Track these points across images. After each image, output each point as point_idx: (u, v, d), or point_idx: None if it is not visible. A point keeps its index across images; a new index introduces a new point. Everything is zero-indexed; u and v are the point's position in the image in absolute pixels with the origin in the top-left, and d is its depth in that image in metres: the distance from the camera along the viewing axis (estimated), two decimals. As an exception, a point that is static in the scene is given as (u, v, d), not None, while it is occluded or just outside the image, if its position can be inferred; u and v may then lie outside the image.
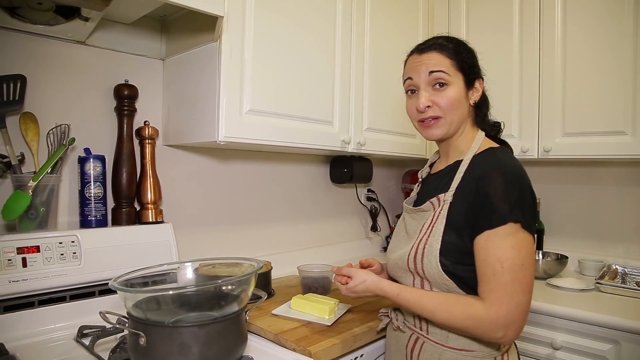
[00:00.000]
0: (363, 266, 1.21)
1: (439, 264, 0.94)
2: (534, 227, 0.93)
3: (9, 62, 1.17)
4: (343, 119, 1.60)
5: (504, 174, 0.92)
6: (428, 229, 0.99)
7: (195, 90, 1.33)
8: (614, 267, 1.79)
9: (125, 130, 1.34)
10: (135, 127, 1.38)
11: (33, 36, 1.21)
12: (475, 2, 1.94)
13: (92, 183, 1.26)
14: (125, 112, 1.35)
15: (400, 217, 1.17)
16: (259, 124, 1.33)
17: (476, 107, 1.07)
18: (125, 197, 1.34)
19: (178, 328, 0.84)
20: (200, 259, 1.12)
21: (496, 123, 1.12)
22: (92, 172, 1.26)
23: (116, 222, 1.33)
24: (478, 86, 1.05)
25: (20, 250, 1.09)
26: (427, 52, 1.02)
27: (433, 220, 0.99)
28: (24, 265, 1.09)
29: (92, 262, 1.19)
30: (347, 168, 1.98)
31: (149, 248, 1.30)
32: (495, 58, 1.82)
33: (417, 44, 1.07)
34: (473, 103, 1.06)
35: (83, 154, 1.28)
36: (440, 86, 1.01)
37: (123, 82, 1.35)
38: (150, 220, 1.37)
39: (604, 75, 1.62)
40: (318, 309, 1.22)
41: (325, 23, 1.53)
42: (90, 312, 1.16)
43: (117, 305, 1.15)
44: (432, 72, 1.00)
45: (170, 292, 0.98)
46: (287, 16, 1.40)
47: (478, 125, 1.09)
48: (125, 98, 1.34)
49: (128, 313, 0.88)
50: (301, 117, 1.46)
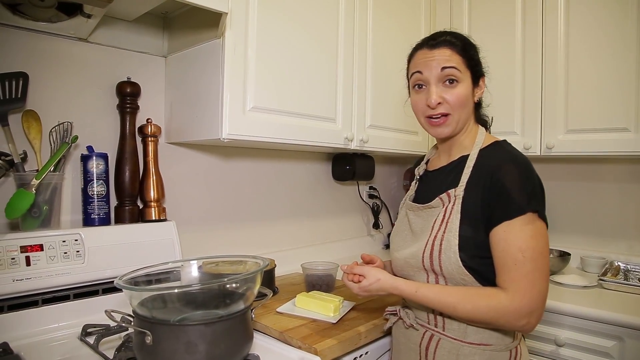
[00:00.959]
0: (365, 261, 1.20)
1: (459, 260, 0.94)
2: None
3: (11, 60, 1.16)
4: (346, 116, 1.60)
5: (518, 165, 0.93)
6: (442, 225, 0.98)
7: (198, 87, 1.32)
8: (617, 264, 1.79)
9: (127, 128, 1.34)
10: (137, 125, 1.38)
11: (35, 33, 1.20)
12: (477, 0, 1.93)
13: (95, 181, 1.26)
14: (127, 110, 1.34)
15: (399, 215, 1.17)
16: (263, 121, 1.32)
17: (477, 104, 1.08)
18: (128, 195, 1.33)
19: (184, 326, 0.83)
20: (204, 257, 1.11)
21: (485, 117, 1.13)
22: (95, 170, 1.26)
23: (119, 220, 1.33)
24: (482, 84, 1.06)
25: (23, 249, 1.08)
26: (439, 48, 1.01)
27: (446, 216, 0.99)
28: (28, 264, 1.08)
29: (96, 261, 1.18)
30: (349, 165, 1.98)
31: (152, 246, 1.29)
32: (497, 56, 1.82)
33: (425, 38, 1.05)
34: (477, 100, 1.06)
35: (86, 152, 1.27)
36: (450, 83, 1.00)
37: (125, 80, 1.34)
38: (153, 218, 1.36)
39: (607, 71, 1.61)
40: (323, 307, 1.22)
41: (328, 20, 1.53)
42: (94, 311, 1.15)
43: (121, 303, 1.15)
44: (445, 68, 0.99)
45: (176, 291, 0.98)
46: (290, 13, 1.39)
47: (477, 121, 1.09)
48: (127, 95, 1.33)
49: (134, 311, 0.88)
50: (304, 115, 1.45)
